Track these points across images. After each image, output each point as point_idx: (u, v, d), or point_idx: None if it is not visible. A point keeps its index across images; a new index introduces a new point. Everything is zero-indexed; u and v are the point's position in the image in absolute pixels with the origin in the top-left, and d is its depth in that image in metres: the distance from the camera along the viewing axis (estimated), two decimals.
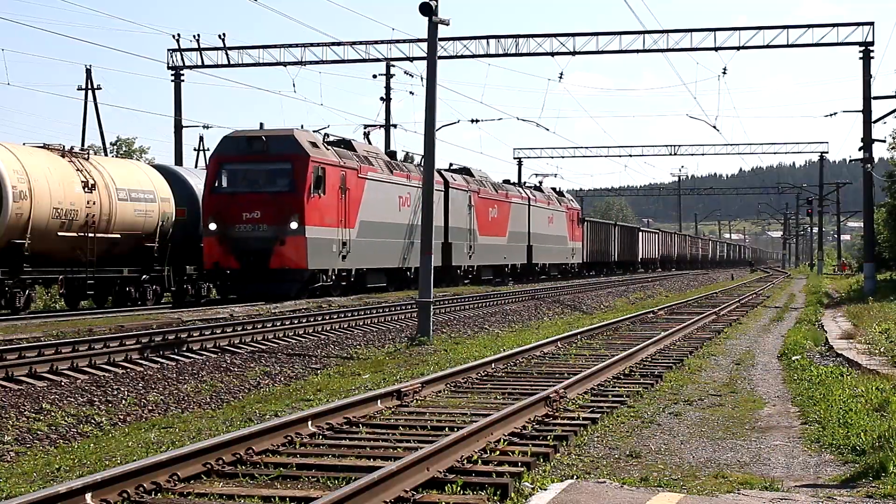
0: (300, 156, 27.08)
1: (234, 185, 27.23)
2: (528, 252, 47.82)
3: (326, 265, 28.15)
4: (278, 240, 26.52)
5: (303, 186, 26.86)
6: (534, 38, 36.57)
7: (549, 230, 51.78)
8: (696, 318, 24.16)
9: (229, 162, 27.48)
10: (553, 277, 52.51)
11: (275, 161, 27.28)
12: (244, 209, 26.79)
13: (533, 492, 7.14)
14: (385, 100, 47.10)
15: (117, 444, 9.54)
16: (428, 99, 19.84)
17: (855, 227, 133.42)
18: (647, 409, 10.84)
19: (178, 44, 38.42)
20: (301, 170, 26.98)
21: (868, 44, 35.11)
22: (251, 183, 27.40)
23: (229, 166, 27.47)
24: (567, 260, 55.89)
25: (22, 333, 16.74)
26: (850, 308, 27.36)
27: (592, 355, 15.92)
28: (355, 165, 29.82)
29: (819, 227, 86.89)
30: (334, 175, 28.38)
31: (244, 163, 27.47)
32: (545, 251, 50.64)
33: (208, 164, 28.61)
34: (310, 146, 27.56)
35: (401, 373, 14.36)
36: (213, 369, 14.77)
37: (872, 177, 37.68)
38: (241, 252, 26.62)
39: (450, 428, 9.24)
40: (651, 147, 70.69)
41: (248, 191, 27.19)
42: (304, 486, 7.32)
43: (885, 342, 16.85)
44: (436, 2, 19.67)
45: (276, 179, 27.33)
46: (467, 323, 24.12)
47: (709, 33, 35.63)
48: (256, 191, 27.13)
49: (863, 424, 9.21)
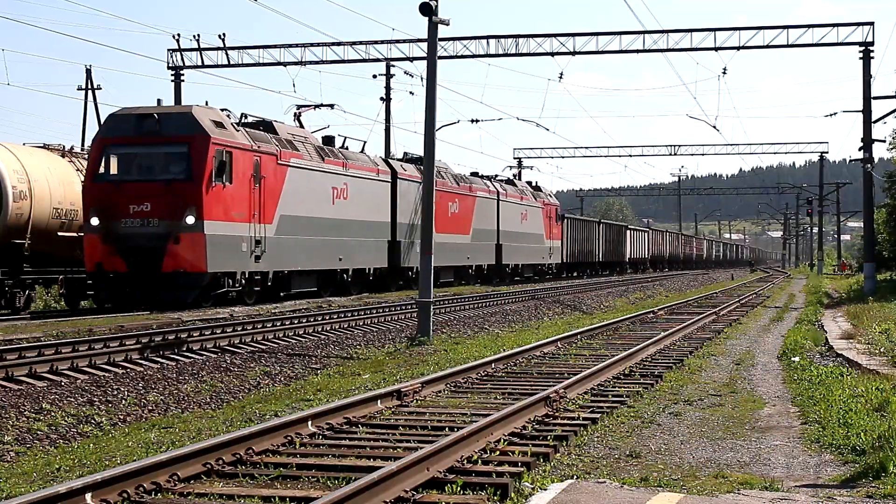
0: (199, 136, 23.11)
1: (121, 173, 23.32)
2: (496, 251, 44.21)
3: (234, 267, 24.19)
4: (171, 237, 22.70)
5: (202, 173, 22.90)
6: (534, 38, 36.55)
7: (523, 227, 47.74)
8: (695, 318, 24.16)
9: (115, 144, 23.44)
10: (528, 279, 49.01)
11: (169, 143, 23.33)
12: (132, 201, 22.90)
13: (533, 492, 7.14)
14: (385, 100, 47.13)
15: (117, 444, 9.54)
16: (428, 99, 19.84)
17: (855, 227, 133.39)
18: (647, 409, 10.84)
19: (178, 44, 38.39)
20: (200, 153, 23.01)
21: (868, 44, 35.11)
22: (141, 169, 23.48)
23: (115, 150, 23.41)
24: (543, 260, 51.61)
25: (22, 333, 16.74)
26: (850, 308, 27.35)
27: (592, 355, 15.92)
28: (274, 150, 25.83)
29: (819, 227, 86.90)
30: (245, 161, 24.41)
31: (133, 146, 23.44)
32: (517, 250, 46.69)
33: (91, 146, 24.60)
34: (212, 126, 23.60)
35: (401, 373, 14.36)
36: (213, 369, 14.77)
37: (872, 177, 37.66)
38: (128, 252, 22.78)
39: (450, 428, 9.24)
40: (651, 147, 70.75)
41: (137, 179, 23.25)
42: (304, 486, 7.32)
43: (885, 342, 16.85)
44: (436, 2, 19.67)
45: (169, 165, 23.37)
46: (467, 323, 24.11)
47: (709, 33, 35.62)
48: (146, 179, 23.20)
49: (863, 424, 9.21)
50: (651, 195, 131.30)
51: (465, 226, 40.15)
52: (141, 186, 23.01)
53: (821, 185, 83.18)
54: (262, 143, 25.34)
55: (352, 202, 30.24)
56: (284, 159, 26.36)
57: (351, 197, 30.14)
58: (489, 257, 43.27)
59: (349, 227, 30.11)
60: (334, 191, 29.30)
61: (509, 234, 45.41)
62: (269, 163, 25.51)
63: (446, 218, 37.73)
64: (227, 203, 23.76)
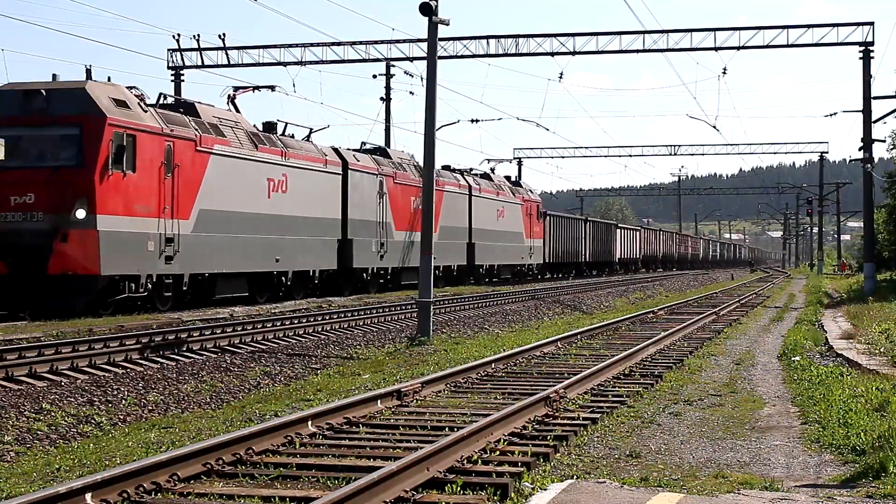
0: (93, 117, 20.12)
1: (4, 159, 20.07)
2: (468, 251, 41.13)
3: (136, 269, 21.01)
4: (59, 234, 19.74)
5: (95, 159, 19.92)
6: (534, 38, 36.55)
7: (499, 225, 44.57)
8: (695, 318, 24.16)
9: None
10: (505, 281, 45.95)
11: (58, 124, 20.27)
12: (13, 191, 19.98)
13: (533, 492, 7.14)
14: (385, 100, 47.11)
15: (117, 444, 9.54)
16: (428, 99, 19.85)
17: (855, 227, 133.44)
18: (647, 409, 10.84)
19: (179, 44, 38.37)
20: (93, 136, 20.01)
21: (868, 44, 35.12)
22: (25, 155, 20.26)
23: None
24: (523, 260, 48.29)
25: (22, 333, 16.74)
26: (849, 308, 27.35)
27: (592, 355, 15.92)
28: (192, 135, 22.75)
29: (819, 227, 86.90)
30: (154, 146, 21.41)
31: (16, 127, 20.29)
32: (492, 250, 43.40)
33: None
34: (111, 105, 20.57)
35: (401, 373, 14.36)
36: (213, 369, 14.77)
37: (872, 177, 37.67)
38: (8, 251, 19.80)
39: (450, 428, 9.24)
40: (651, 147, 70.75)
41: (20, 166, 20.07)
42: (304, 486, 7.32)
43: (885, 342, 16.86)
44: (436, 2, 19.67)
45: (58, 150, 20.32)
46: (467, 323, 24.12)
47: (709, 33, 35.61)
48: (30, 165, 20.13)
49: (863, 424, 9.21)
50: (651, 195, 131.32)
51: None
52: (24, 174, 19.99)
53: (821, 185, 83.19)
54: (176, 127, 22.32)
55: (292, 196, 27.17)
56: (206, 145, 23.34)
57: (291, 190, 27.10)
58: (459, 257, 40.29)
59: (289, 224, 27.03)
60: (270, 183, 26.24)
61: (483, 233, 42.51)
62: (185, 149, 22.52)
63: (409, 214, 34.88)
64: (129, 195, 20.76)
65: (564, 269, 58.17)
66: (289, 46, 38.26)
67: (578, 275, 59.73)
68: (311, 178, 28.41)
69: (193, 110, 23.98)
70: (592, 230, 62.95)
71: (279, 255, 26.63)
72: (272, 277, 26.92)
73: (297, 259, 27.76)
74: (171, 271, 22.26)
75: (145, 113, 21.55)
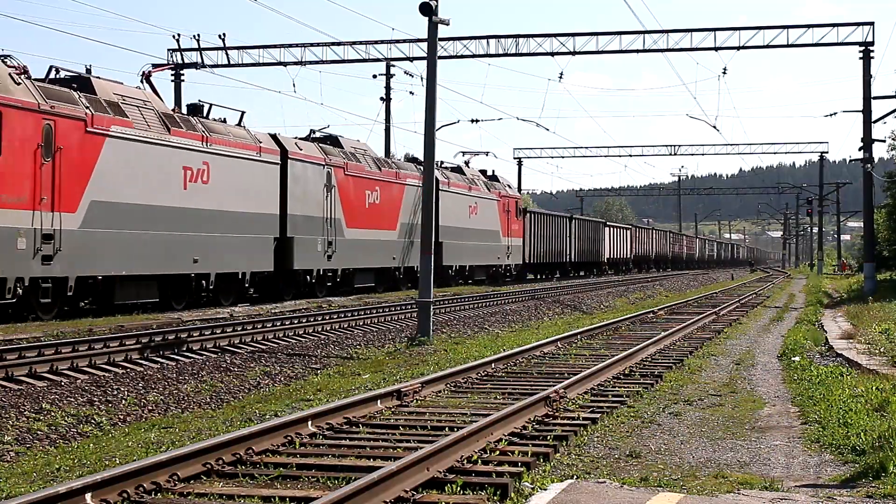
0: None
1: None
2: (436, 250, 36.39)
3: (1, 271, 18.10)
4: None
5: None
6: (534, 38, 36.56)
7: (471, 223, 41.26)
8: (695, 318, 24.16)
9: None
10: (479, 282, 43.07)
11: None
12: None
13: (533, 492, 7.14)
14: (385, 100, 47.13)
15: (117, 444, 9.54)
16: (428, 99, 19.84)
17: (855, 227, 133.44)
18: (647, 409, 10.84)
19: (179, 44, 38.38)
20: None
21: (868, 44, 35.13)
22: None
23: None
24: (499, 261, 44.98)
25: (22, 333, 16.74)
26: (849, 308, 27.36)
27: (592, 355, 15.92)
28: (81, 114, 19.94)
29: (819, 227, 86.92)
30: (27, 125, 18.59)
31: None
32: (463, 249, 40.03)
33: None
34: None
35: (401, 373, 14.36)
36: (213, 369, 14.77)
37: (872, 177, 37.69)
38: None
39: (450, 428, 9.24)
40: (651, 147, 70.85)
41: None
42: (304, 486, 7.32)
43: (885, 342, 16.86)
44: (436, 2, 19.68)
45: None
46: (467, 323, 24.12)
47: (709, 33, 35.64)
48: None
49: (863, 424, 9.21)
50: (651, 195, 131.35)
51: (389, 219, 33.69)
52: None
53: (821, 185, 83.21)
54: (59, 104, 19.50)
55: (216, 187, 23.98)
56: (100, 126, 20.45)
57: (215, 181, 23.90)
58: None
59: (211, 220, 23.77)
60: (187, 172, 23.02)
61: (452, 231, 39.09)
62: (71, 130, 19.64)
63: (363, 210, 31.75)
64: None
65: (547, 270, 55.42)
66: (289, 46, 38.28)
67: (563, 276, 56.79)
68: (240, 167, 25.20)
69: (89, 86, 21.00)
70: (578, 229, 59.91)
71: (198, 254, 23.37)
72: (190, 281, 23.66)
73: (222, 260, 24.49)
74: (51, 274, 19.12)
75: (17, 86, 18.56)
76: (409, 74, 43.81)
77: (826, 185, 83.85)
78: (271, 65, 38.76)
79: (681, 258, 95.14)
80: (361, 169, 31.87)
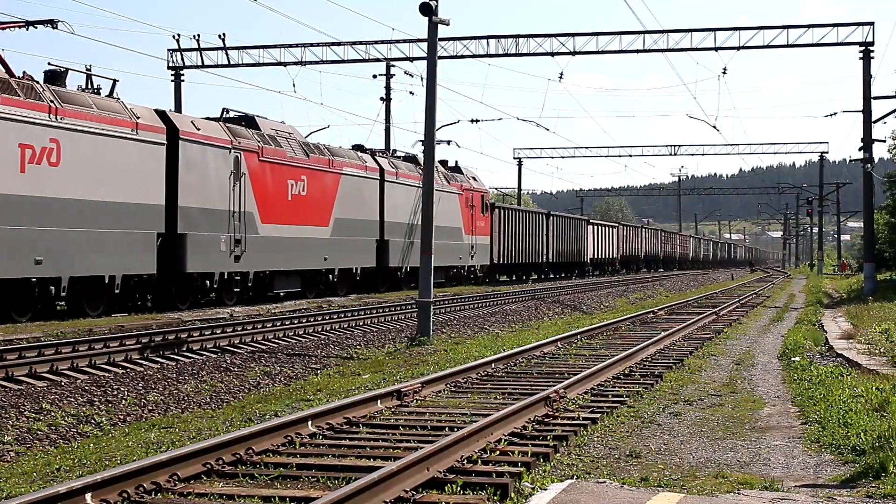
0: None
1: None
2: (379, 250, 33.14)
3: None
4: None
5: None
6: (534, 38, 36.57)
7: None
8: (695, 318, 24.16)
9: None
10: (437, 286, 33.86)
11: None
12: None
13: (533, 492, 7.14)
14: (385, 100, 47.13)
15: (117, 444, 9.54)
16: (428, 99, 19.84)
17: (855, 227, 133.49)
18: (647, 409, 10.84)
19: (179, 44, 38.41)
20: None
21: (868, 44, 35.14)
22: None
23: None
24: (461, 261, 40.33)
25: (22, 333, 16.74)
26: (849, 308, 27.37)
27: (592, 355, 15.93)
28: None
29: (819, 227, 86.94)
30: None
31: None
32: (414, 248, 34.21)
33: None
34: None
35: (401, 373, 14.36)
36: (213, 369, 14.77)
37: (872, 177, 37.69)
38: None
39: (450, 428, 9.24)
40: (651, 147, 70.89)
41: None
42: (304, 486, 7.32)
43: (885, 342, 16.86)
44: (436, 2, 19.68)
45: None
46: (467, 323, 24.12)
47: (709, 33, 35.65)
48: None
49: (863, 424, 9.21)
50: (651, 195, 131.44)
51: (320, 214, 29.23)
52: None
53: (821, 185, 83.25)
54: None
55: (69, 171, 19.94)
56: None
57: (67, 162, 19.87)
58: (366, 257, 32.30)
59: (61, 211, 19.72)
60: (26, 151, 19.00)
61: (401, 227, 34.77)
62: None
63: (284, 203, 27.26)
64: None
65: (520, 272, 51.00)
66: (289, 46, 38.30)
67: (542, 277, 53.02)
68: (106, 147, 21.06)
69: None
70: (557, 226, 55.35)
71: (43, 254, 19.28)
72: (32, 286, 19.46)
73: (82, 260, 20.38)
74: None
75: None
76: (409, 74, 43.87)
77: (826, 185, 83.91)
78: (271, 65, 38.79)
79: (673, 258, 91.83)
80: (282, 155, 27.16)
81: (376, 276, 33.71)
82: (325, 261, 29.49)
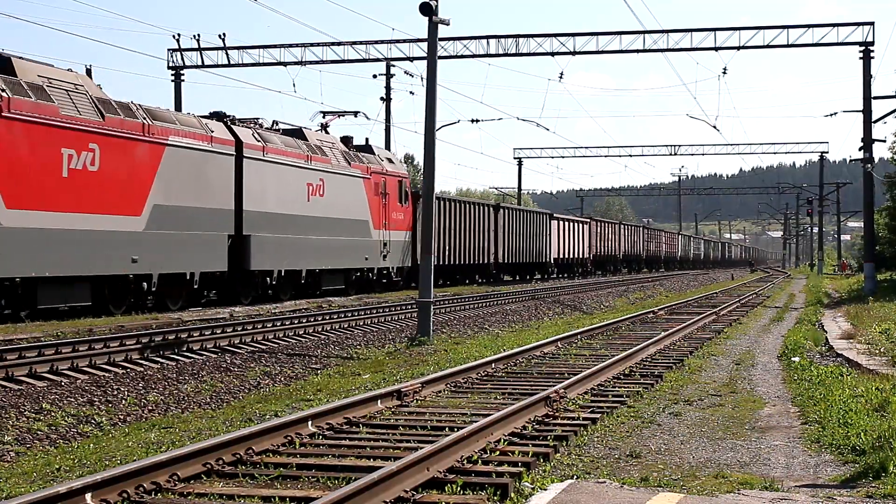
0: None
1: None
2: (234, 248, 25.23)
3: None
4: None
5: None
6: (534, 38, 36.58)
7: (313, 208, 28.80)
8: (695, 318, 24.16)
9: None
10: (326, 293, 30.59)
11: None
12: None
13: (533, 492, 7.14)
14: (385, 100, 47.13)
15: (117, 444, 9.54)
16: (428, 99, 19.85)
17: (855, 227, 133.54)
18: (647, 409, 10.84)
19: (179, 43, 38.42)
20: None
21: (868, 44, 35.16)
22: None
23: None
24: (368, 262, 32.36)
25: (22, 333, 16.74)
26: (850, 308, 27.37)
27: (592, 355, 15.93)
28: None
29: (819, 227, 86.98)
30: None
31: None
32: (294, 247, 27.69)
33: None
34: None
35: (401, 373, 14.36)
36: (213, 369, 14.78)
37: (872, 177, 37.70)
38: None
39: (450, 428, 9.24)
40: (651, 147, 70.95)
41: None
42: (304, 486, 7.32)
43: (885, 342, 16.87)
44: (436, 2, 19.68)
45: None
46: (467, 323, 24.12)
47: (709, 33, 35.67)
48: None
49: (863, 424, 9.21)
50: (651, 195, 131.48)
51: (126, 199, 21.41)
52: None
53: (821, 185, 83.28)
54: None
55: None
56: None
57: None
58: (210, 259, 24.17)
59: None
60: None
61: (273, 219, 26.73)
62: None
63: (56, 180, 19.55)
64: None
65: (458, 275, 43.22)
66: (289, 46, 38.31)
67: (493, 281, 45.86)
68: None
69: None
70: (509, 222, 47.49)
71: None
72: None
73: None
74: None
75: None
76: (410, 74, 43.83)
77: (826, 185, 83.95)
78: (271, 65, 38.81)
79: (658, 258, 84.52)
80: (52, 112, 19.38)
81: (231, 283, 25.74)
82: (134, 263, 21.60)
